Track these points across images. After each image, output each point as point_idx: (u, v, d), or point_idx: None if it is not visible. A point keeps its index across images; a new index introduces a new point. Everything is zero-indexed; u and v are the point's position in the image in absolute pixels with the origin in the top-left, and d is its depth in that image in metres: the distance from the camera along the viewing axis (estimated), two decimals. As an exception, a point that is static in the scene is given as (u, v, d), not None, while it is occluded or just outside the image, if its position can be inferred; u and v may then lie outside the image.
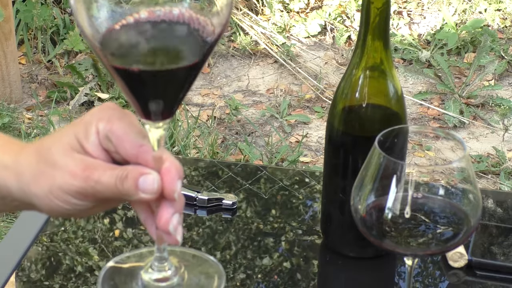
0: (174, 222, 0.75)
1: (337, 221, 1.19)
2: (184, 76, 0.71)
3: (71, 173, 0.73)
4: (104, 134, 0.74)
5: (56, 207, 0.75)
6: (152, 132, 0.74)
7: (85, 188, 0.74)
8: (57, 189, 0.74)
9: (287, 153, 3.09)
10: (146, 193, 0.73)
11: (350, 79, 1.13)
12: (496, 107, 3.40)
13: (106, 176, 0.73)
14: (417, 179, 0.91)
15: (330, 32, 3.92)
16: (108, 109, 0.76)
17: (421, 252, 0.93)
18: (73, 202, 0.75)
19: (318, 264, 1.23)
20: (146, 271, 0.81)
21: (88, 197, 0.74)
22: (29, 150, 0.77)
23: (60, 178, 0.74)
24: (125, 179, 0.73)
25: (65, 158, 0.74)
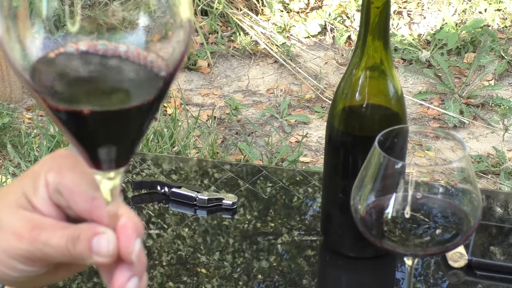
0: (131, 286, 0.64)
1: (337, 221, 1.19)
2: (139, 116, 0.59)
3: (17, 235, 0.64)
4: (54, 187, 0.65)
5: (1, 275, 0.66)
6: (103, 184, 0.63)
7: (33, 252, 0.64)
8: (1, 254, 0.65)
9: (287, 153, 3.09)
10: (101, 256, 0.63)
11: (350, 79, 1.13)
12: (496, 107, 3.40)
13: (56, 237, 0.64)
14: (417, 179, 0.91)
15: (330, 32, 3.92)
16: (59, 158, 0.66)
17: (421, 252, 0.93)
18: (20, 269, 0.65)
19: (318, 264, 1.23)
20: None
21: (36, 262, 0.65)
22: None
23: (5, 241, 0.64)
24: (77, 241, 0.63)
25: (9, 218, 0.65)
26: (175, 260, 1.23)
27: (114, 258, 0.63)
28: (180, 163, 1.43)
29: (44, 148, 2.97)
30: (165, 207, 1.32)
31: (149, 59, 0.58)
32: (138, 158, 1.43)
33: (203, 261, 1.22)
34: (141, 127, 0.61)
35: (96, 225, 0.64)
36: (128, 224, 0.64)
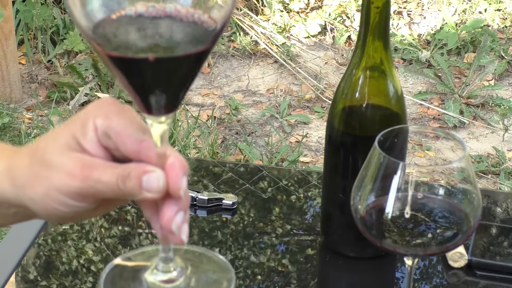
0: (178, 220, 0.70)
1: (337, 221, 1.19)
2: (189, 65, 0.68)
3: (69, 173, 0.69)
4: (103, 131, 0.70)
5: (53, 210, 0.71)
6: (154, 128, 0.70)
7: (84, 189, 0.69)
8: (54, 191, 0.70)
9: (287, 153, 3.09)
10: (151, 192, 0.69)
11: (350, 79, 1.13)
12: (496, 107, 3.40)
13: (107, 175, 0.69)
14: (417, 179, 0.91)
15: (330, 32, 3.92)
16: (106, 105, 0.72)
17: (421, 252, 0.93)
18: (71, 204, 0.70)
19: (318, 264, 1.23)
20: (151, 272, 0.77)
21: (87, 198, 0.70)
22: (23, 153, 0.73)
23: (57, 179, 0.69)
24: (128, 178, 0.69)
25: (61, 158, 0.70)
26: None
27: (163, 194, 0.69)
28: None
29: (44, 148, 2.97)
30: (165, 207, 1.32)
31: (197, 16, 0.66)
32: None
33: (203, 261, 1.22)
34: (190, 75, 0.69)
35: (145, 164, 0.69)
36: (176, 163, 0.70)
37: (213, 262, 0.80)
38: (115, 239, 1.26)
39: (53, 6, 3.75)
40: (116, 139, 0.70)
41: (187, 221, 0.72)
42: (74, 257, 1.22)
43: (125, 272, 0.79)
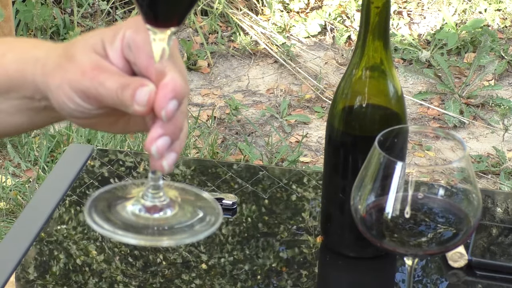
0: (159, 144, 0.69)
1: (337, 221, 1.19)
2: None
3: (81, 70, 0.72)
4: (127, 42, 0.72)
5: (63, 104, 0.74)
6: (155, 43, 0.70)
7: (89, 88, 0.72)
8: (65, 84, 0.73)
9: (287, 153, 3.09)
10: (138, 105, 0.70)
11: (350, 79, 1.13)
12: (496, 107, 3.40)
13: (111, 80, 0.71)
14: (417, 179, 0.91)
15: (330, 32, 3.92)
16: (140, 21, 0.72)
17: (421, 252, 0.93)
18: (76, 101, 0.73)
19: (318, 264, 1.23)
20: (137, 199, 0.74)
21: (90, 99, 0.72)
22: (60, 45, 0.76)
23: (71, 73, 0.72)
24: (126, 88, 0.70)
25: (82, 55, 0.73)
26: (175, 259, 1.23)
27: (148, 109, 0.69)
28: (180, 163, 1.43)
29: (44, 148, 2.97)
30: (165, 207, 1.32)
31: None
32: (138, 158, 1.43)
33: (203, 261, 1.22)
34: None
35: (145, 79, 0.71)
36: (169, 84, 0.70)
37: (203, 199, 0.78)
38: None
39: (53, 6, 3.75)
40: (135, 52, 0.72)
41: (175, 151, 0.71)
42: (74, 257, 1.22)
43: (109, 200, 0.76)
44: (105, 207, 0.76)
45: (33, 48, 0.78)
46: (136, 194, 0.75)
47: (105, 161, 1.41)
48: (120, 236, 0.73)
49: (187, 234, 0.74)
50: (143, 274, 1.20)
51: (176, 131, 0.71)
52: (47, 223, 1.28)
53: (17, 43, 0.81)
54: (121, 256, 1.23)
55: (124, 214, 0.75)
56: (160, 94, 0.69)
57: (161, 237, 0.73)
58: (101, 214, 0.75)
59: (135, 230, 0.73)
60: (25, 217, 1.29)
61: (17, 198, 2.77)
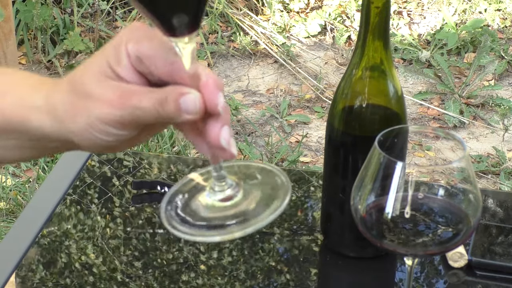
0: (225, 135, 0.70)
1: (337, 221, 1.19)
2: None
3: (108, 102, 0.70)
4: (135, 56, 0.70)
5: (97, 140, 0.72)
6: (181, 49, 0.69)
7: (125, 116, 0.70)
8: (95, 121, 0.70)
9: (287, 153, 3.09)
10: (190, 113, 0.69)
11: (350, 79, 1.13)
12: (496, 107, 3.40)
13: (145, 100, 0.69)
14: (417, 179, 0.91)
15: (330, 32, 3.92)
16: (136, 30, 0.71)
17: (421, 252, 0.93)
18: (114, 133, 0.71)
19: (318, 264, 1.23)
20: (208, 193, 0.75)
21: (128, 125, 0.71)
22: (60, 86, 0.73)
23: (97, 109, 0.70)
24: (165, 102, 0.69)
25: (99, 87, 0.70)
26: (174, 260, 1.23)
27: (201, 114, 0.69)
28: (180, 163, 1.43)
29: (44, 148, 2.97)
30: (165, 207, 1.32)
31: None
32: (137, 158, 1.43)
33: (203, 261, 1.22)
34: None
35: (180, 87, 0.69)
36: (210, 81, 0.70)
37: (266, 172, 0.78)
38: (116, 239, 1.26)
39: (53, 6, 3.75)
40: (148, 63, 0.70)
41: (231, 134, 0.72)
42: (74, 257, 1.22)
43: (183, 197, 0.77)
44: (180, 210, 0.76)
45: (32, 91, 0.75)
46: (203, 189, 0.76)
47: (105, 160, 1.41)
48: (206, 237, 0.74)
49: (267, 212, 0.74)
50: (143, 274, 1.20)
51: (229, 118, 0.72)
52: (47, 223, 1.28)
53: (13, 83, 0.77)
54: (121, 256, 1.23)
55: (200, 212, 0.75)
56: (208, 95, 0.69)
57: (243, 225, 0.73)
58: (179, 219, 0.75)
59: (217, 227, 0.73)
60: (25, 217, 1.29)
61: (17, 198, 2.77)
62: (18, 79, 0.78)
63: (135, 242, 1.25)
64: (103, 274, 1.20)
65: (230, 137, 0.71)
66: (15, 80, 0.78)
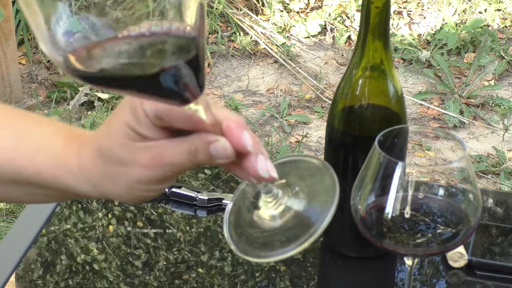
0: (261, 165, 0.73)
1: (337, 221, 1.19)
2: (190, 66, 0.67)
3: (143, 166, 0.73)
4: (153, 114, 0.72)
5: (141, 197, 0.76)
6: (192, 109, 0.70)
7: (163, 175, 0.73)
8: (137, 183, 0.74)
9: (287, 153, 3.09)
10: (222, 159, 0.72)
11: (350, 79, 1.13)
12: (496, 107, 3.40)
13: (177, 156, 0.72)
14: (417, 179, 0.91)
15: (330, 32, 3.92)
16: None
17: (421, 252, 0.93)
18: (156, 188, 0.75)
19: (318, 264, 1.23)
20: (263, 208, 0.77)
21: (168, 179, 0.74)
22: (90, 152, 0.76)
23: (135, 174, 0.73)
24: (197, 153, 0.72)
25: (129, 153, 0.73)
26: (175, 260, 1.23)
27: (233, 157, 0.72)
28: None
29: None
30: (165, 207, 1.32)
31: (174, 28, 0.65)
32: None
33: (203, 261, 1.22)
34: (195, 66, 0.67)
35: (206, 135, 0.72)
36: (231, 125, 0.72)
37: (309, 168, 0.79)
38: (116, 239, 1.26)
39: (53, 6, 3.75)
40: (168, 118, 0.72)
41: (267, 157, 0.74)
42: (75, 257, 1.22)
43: (243, 214, 0.79)
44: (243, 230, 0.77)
45: (64, 150, 0.77)
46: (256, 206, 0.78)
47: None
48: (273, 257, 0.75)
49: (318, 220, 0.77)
50: (144, 274, 1.20)
51: (258, 145, 0.74)
52: (47, 223, 1.28)
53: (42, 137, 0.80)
54: (121, 256, 1.23)
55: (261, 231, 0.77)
56: (234, 139, 0.71)
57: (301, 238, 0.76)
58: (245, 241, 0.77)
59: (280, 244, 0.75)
60: (25, 217, 1.29)
61: (17, 198, 2.77)
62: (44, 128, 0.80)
63: (136, 242, 1.25)
64: (103, 274, 1.20)
65: (267, 164, 0.74)
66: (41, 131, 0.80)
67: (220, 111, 0.73)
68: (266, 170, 0.73)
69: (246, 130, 0.72)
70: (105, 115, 3.23)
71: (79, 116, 3.32)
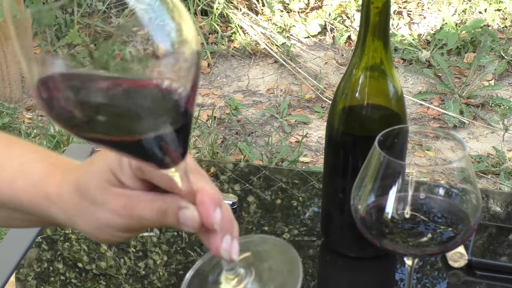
0: (225, 246, 0.73)
1: (337, 221, 1.19)
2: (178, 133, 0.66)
3: (114, 212, 0.74)
4: (136, 167, 0.73)
5: (105, 239, 0.77)
6: (169, 174, 0.70)
7: (131, 224, 0.74)
8: (104, 226, 0.75)
9: (287, 153, 3.10)
10: (188, 227, 0.72)
11: (350, 79, 1.13)
12: (496, 107, 3.40)
13: (147, 211, 0.73)
14: (417, 179, 0.91)
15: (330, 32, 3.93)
16: None
17: (421, 252, 0.93)
18: (121, 235, 0.76)
19: (318, 264, 1.23)
20: (224, 283, 0.78)
21: (134, 230, 0.76)
22: (69, 184, 0.77)
23: (104, 216, 0.74)
24: (166, 214, 0.72)
25: (104, 196, 0.74)
26: (175, 260, 1.23)
27: (199, 228, 0.72)
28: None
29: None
30: (165, 207, 1.32)
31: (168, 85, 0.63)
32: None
33: (203, 261, 1.22)
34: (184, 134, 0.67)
35: (179, 200, 0.72)
36: (205, 199, 0.71)
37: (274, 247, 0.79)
38: (115, 239, 1.26)
39: (53, 6, 3.75)
40: (150, 175, 0.73)
41: (235, 237, 0.74)
42: (75, 257, 1.22)
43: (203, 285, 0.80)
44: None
45: (44, 178, 0.78)
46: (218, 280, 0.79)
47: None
48: None
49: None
50: (144, 274, 1.20)
51: (230, 226, 0.73)
52: (47, 223, 1.28)
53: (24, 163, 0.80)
54: (121, 256, 1.23)
55: None
56: (204, 214, 0.71)
57: None
58: None
59: None
60: (25, 217, 1.29)
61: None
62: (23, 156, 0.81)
63: (136, 243, 1.25)
64: (103, 274, 1.20)
65: (232, 245, 0.74)
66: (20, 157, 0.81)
67: (199, 180, 0.73)
68: (228, 252, 0.74)
69: (218, 207, 0.72)
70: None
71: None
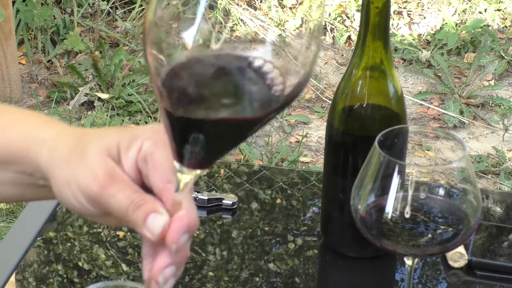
0: (167, 274, 0.69)
1: (337, 221, 1.19)
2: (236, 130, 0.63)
3: (93, 175, 0.70)
4: (144, 155, 0.70)
5: (65, 198, 0.72)
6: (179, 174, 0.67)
7: (99, 196, 0.70)
8: (74, 183, 0.71)
9: (287, 153, 3.09)
10: (149, 232, 0.68)
11: (350, 79, 1.13)
12: (496, 107, 3.40)
13: (123, 194, 0.69)
14: (417, 179, 0.91)
15: (330, 32, 3.93)
16: (161, 133, 0.70)
17: (421, 252, 0.93)
18: (81, 202, 0.71)
19: (318, 264, 1.23)
20: None
21: (98, 205, 0.71)
22: (72, 133, 0.74)
23: (82, 173, 0.70)
24: (138, 208, 0.68)
25: (95, 157, 0.71)
26: (175, 260, 1.23)
27: (159, 239, 0.68)
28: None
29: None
30: (165, 207, 1.32)
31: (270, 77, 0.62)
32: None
33: (203, 260, 1.22)
34: (234, 141, 0.65)
35: (159, 204, 0.68)
36: (184, 218, 0.68)
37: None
38: (117, 238, 1.26)
39: (54, 6, 3.75)
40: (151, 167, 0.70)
41: (176, 276, 0.70)
42: (75, 257, 1.22)
43: None
44: None
45: (43, 126, 0.76)
46: None
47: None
48: None
49: None
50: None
51: (182, 260, 0.70)
52: (47, 223, 1.28)
53: (27, 117, 0.79)
54: (121, 256, 1.23)
55: None
56: (174, 228, 0.67)
57: None
58: None
59: None
60: (25, 217, 1.29)
61: (17, 198, 2.77)
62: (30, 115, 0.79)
63: (137, 242, 1.25)
64: (103, 274, 1.20)
65: (170, 278, 0.69)
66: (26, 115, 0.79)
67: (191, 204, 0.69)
68: (165, 280, 0.69)
69: (188, 235, 0.68)
70: (105, 115, 3.23)
71: (79, 116, 3.32)
